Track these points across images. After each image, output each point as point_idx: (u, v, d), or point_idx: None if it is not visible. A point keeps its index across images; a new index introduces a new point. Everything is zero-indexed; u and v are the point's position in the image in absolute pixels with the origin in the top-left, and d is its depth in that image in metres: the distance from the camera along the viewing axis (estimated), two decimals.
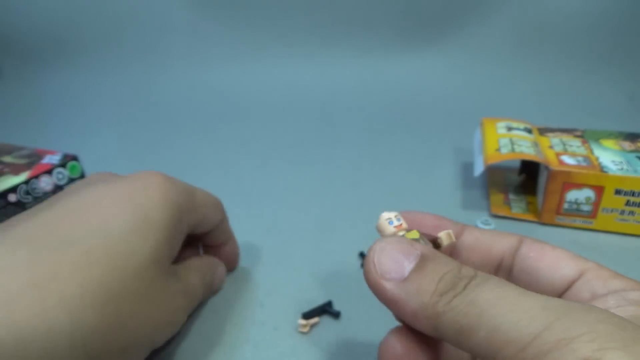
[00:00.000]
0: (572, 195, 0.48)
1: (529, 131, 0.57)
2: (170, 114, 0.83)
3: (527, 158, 0.50)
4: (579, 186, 0.47)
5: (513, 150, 0.51)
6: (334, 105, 0.84)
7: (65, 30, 0.94)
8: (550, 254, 0.24)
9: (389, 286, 0.20)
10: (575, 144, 0.53)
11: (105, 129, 0.77)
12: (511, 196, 0.55)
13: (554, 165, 0.48)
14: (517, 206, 0.53)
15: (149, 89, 0.90)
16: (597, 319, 0.15)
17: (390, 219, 0.24)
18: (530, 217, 0.51)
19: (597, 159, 0.49)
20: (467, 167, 0.62)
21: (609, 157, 0.50)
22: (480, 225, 0.42)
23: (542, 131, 0.57)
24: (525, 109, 0.78)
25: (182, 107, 0.85)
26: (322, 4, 0.90)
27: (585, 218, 0.49)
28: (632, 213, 0.47)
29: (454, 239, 0.24)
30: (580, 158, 0.49)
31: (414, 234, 0.23)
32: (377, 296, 0.21)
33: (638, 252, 0.46)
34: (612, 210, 0.48)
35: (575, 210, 0.49)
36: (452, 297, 0.18)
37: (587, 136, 0.55)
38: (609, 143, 0.53)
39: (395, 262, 0.21)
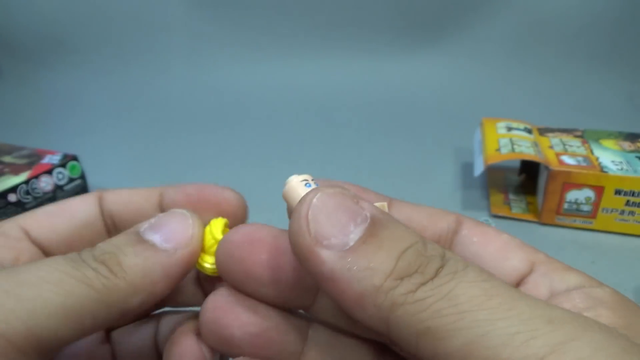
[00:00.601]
0: (572, 195, 0.48)
1: (529, 131, 0.57)
2: (170, 113, 0.83)
3: (527, 158, 0.50)
4: (579, 186, 0.47)
5: (513, 150, 0.51)
6: (334, 105, 0.84)
7: (65, 30, 0.94)
8: (496, 241, 0.20)
9: (327, 256, 0.15)
10: (575, 144, 0.53)
11: (105, 129, 0.77)
12: (511, 196, 0.55)
13: (554, 165, 0.48)
14: (517, 206, 0.53)
15: (149, 89, 0.90)
16: (623, 348, 0.12)
17: (306, 182, 0.19)
18: (530, 217, 0.51)
19: (597, 159, 0.49)
20: (467, 167, 0.62)
21: (609, 157, 0.50)
22: None
23: (542, 131, 0.57)
24: (525, 109, 0.78)
25: (182, 107, 0.85)
26: (322, 5, 0.90)
27: (585, 218, 0.49)
28: (632, 213, 0.47)
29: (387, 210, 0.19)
30: (580, 158, 0.49)
31: None
32: (308, 268, 0.15)
33: (638, 252, 0.46)
34: (612, 210, 0.48)
35: (575, 210, 0.49)
36: (419, 284, 0.14)
37: (587, 136, 0.55)
38: (609, 143, 0.53)
39: (337, 224, 0.15)
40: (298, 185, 0.19)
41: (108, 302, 0.17)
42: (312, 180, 0.20)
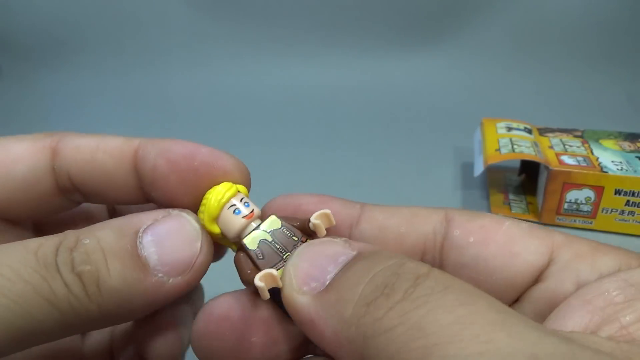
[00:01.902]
0: (572, 195, 0.48)
1: (529, 131, 0.57)
2: (170, 113, 0.83)
3: (527, 158, 0.50)
4: (579, 186, 0.47)
5: (513, 150, 0.51)
6: (333, 105, 0.84)
7: (65, 30, 0.94)
8: (497, 234, 0.16)
9: (304, 301, 0.14)
10: (575, 144, 0.53)
11: (106, 129, 0.77)
12: (511, 196, 0.55)
13: (554, 165, 0.48)
14: (517, 206, 0.53)
15: (149, 88, 0.90)
16: None
17: (235, 208, 0.18)
18: (530, 217, 0.51)
19: (597, 159, 0.49)
20: (467, 167, 0.62)
21: (609, 157, 0.50)
22: None
23: (542, 131, 0.57)
24: (525, 109, 0.78)
25: (182, 106, 0.85)
26: (322, 5, 0.90)
27: (585, 218, 0.49)
28: (632, 213, 0.47)
29: (333, 221, 0.17)
30: (580, 158, 0.49)
31: (273, 222, 0.18)
32: (293, 319, 0.15)
33: (638, 252, 0.46)
34: (612, 211, 0.48)
35: (575, 210, 0.49)
36: (386, 308, 0.12)
37: (587, 136, 0.55)
38: (608, 143, 0.53)
39: (315, 268, 0.14)
40: (226, 215, 0.18)
41: (69, 324, 0.14)
42: (242, 200, 0.18)
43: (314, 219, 0.17)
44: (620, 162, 0.48)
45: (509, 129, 0.57)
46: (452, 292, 0.12)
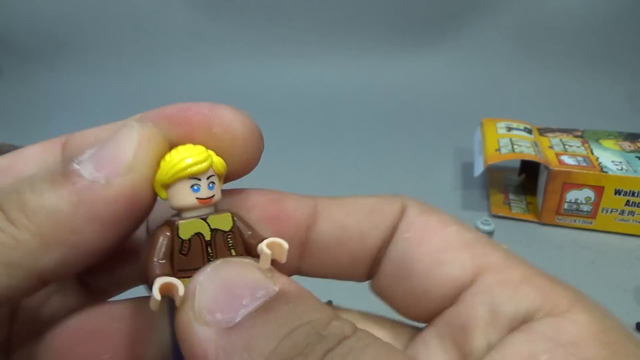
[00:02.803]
0: (572, 195, 0.48)
1: (529, 131, 0.57)
2: None
3: (527, 158, 0.50)
4: (579, 186, 0.47)
5: (513, 150, 0.51)
6: (333, 105, 0.84)
7: (65, 30, 0.94)
8: (436, 236, 0.15)
9: (202, 334, 0.12)
10: (575, 144, 0.53)
11: None
12: (511, 196, 0.55)
13: (554, 165, 0.48)
14: (517, 206, 0.53)
15: (149, 88, 0.90)
16: None
17: (196, 184, 0.14)
18: (530, 217, 0.51)
19: (597, 159, 0.49)
20: (467, 167, 0.62)
21: (609, 157, 0.50)
22: (480, 226, 0.42)
23: (542, 131, 0.57)
24: (525, 109, 0.78)
25: None
26: (322, 5, 0.90)
27: (585, 218, 0.49)
28: (632, 213, 0.47)
29: (284, 258, 0.14)
30: (580, 158, 0.49)
31: (224, 220, 0.15)
32: (183, 349, 0.12)
33: (638, 252, 0.46)
34: (612, 210, 0.48)
35: (575, 210, 0.49)
36: None
37: (587, 136, 0.55)
38: (609, 143, 0.53)
39: (228, 296, 0.12)
40: (180, 189, 0.14)
41: (13, 264, 0.12)
42: (209, 179, 0.15)
43: (265, 247, 0.14)
44: (620, 162, 0.48)
45: (509, 129, 0.57)
46: (372, 350, 0.11)
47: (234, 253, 0.14)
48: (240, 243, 0.15)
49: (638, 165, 0.48)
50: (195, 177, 0.14)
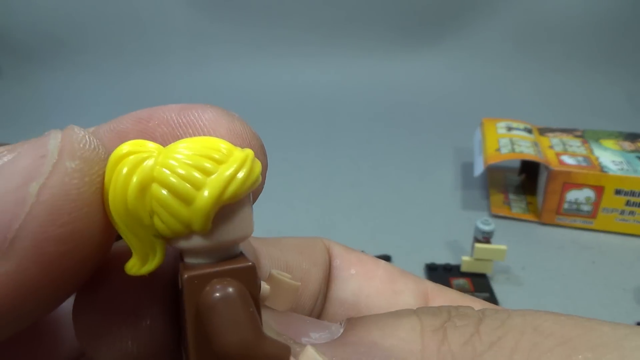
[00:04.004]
0: (572, 195, 0.48)
1: (529, 131, 0.57)
2: None
3: (527, 158, 0.50)
4: (579, 186, 0.47)
5: (513, 150, 0.51)
6: (334, 104, 0.84)
7: (66, 30, 0.94)
8: (379, 270, 0.15)
9: None
10: (575, 144, 0.53)
11: None
12: (511, 196, 0.55)
13: (554, 165, 0.48)
14: (517, 206, 0.53)
15: (149, 88, 0.90)
16: None
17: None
18: (530, 217, 0.51)
19: (597, 159, 0.49)
20: (467, 167, 0.62)
21: (609, 157, 0.50)
22: (480, 226, 0.42)
23: (542, 131, 0.57)
24: (525, 109, 0.78)
25: None
26: (322, 5, 0.90)
27: (585, 218, 0.49)
28: (632, 213, 0.47)
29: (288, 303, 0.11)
30: (580, 158, 0.49)
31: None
32: None
33: (638, 252, 0.46)
34: (612, 210, 0.48)
35: (575, 210, 0.49)
36: None
37: (587, 136, 0.55)
38: (609, 143, 0.53)
39: None
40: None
41: None
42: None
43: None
44: (621, 162, 0.48)
45: (509, 128, 0.57)
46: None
47: None
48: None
49: (638, 165, 0.48)
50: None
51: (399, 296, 0.14)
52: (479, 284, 0.42)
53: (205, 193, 0.09)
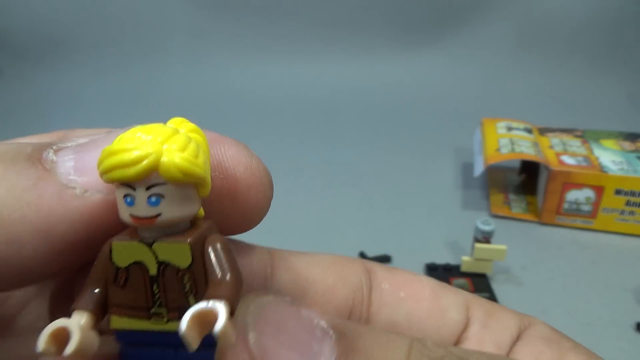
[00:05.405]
0: (572, 195, 0.48)
1: (529, 131, 0.57)
2: (170, 113, 0.83)
3: (527, 158, 0.50)
4: (579, 186, 0.47)
5: (513, 150, 0.51)
6: (333, 105, 0.84)
7: (65, 30, 0.94)
8: (425, 289, 0.15)
9: None
10: (575, 144, 0.53)
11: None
12: (511, 196, 0.55)
13: (554, 165, 0.48)
14: (517, 206, 0.53)
15: (149, 88, 0.90)
16: None
17: (129, 195, 0.10)
18: (530, 217, 0.51)
19: (597, 159, 0.49)
20: (467, 167, 0.62)
21: (609, 157, 0.50)
22: (480, 226, 0.42)
23: (542, 131, 0.57)
24: (525, 109, 0.78)
25: (182, 106, 0.85)
26: (322, 5, 0.90)
27: (585, 218, 0.49)
28: (632, 213, 0.47)
29: (232, 339, 0.10)
30: (580, 158, 0.49)
31: (179, 252, 0.10)
32: None
33: (638, 252, 0.46)
34: (612, 210, 0.48)
35: (576, 210, 0.49)
36: None
37: (587, 136, 0.55)
38: (609, 143, 0.53)
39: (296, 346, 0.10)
40: (119, 195, 0.10)
41: None
42: (150, 189, 0.10)
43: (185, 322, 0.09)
44: (621, 162, 0.48)
45: (509, 128, 0.57)
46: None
47: (192, 301, 0.10)
48: (202, 288, 0.10)
49: (638, 165, 0.48)
50: (126, 184, 0.10)
51: (446, 314, 0.15)
52: (479, 284, 0.42)
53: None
